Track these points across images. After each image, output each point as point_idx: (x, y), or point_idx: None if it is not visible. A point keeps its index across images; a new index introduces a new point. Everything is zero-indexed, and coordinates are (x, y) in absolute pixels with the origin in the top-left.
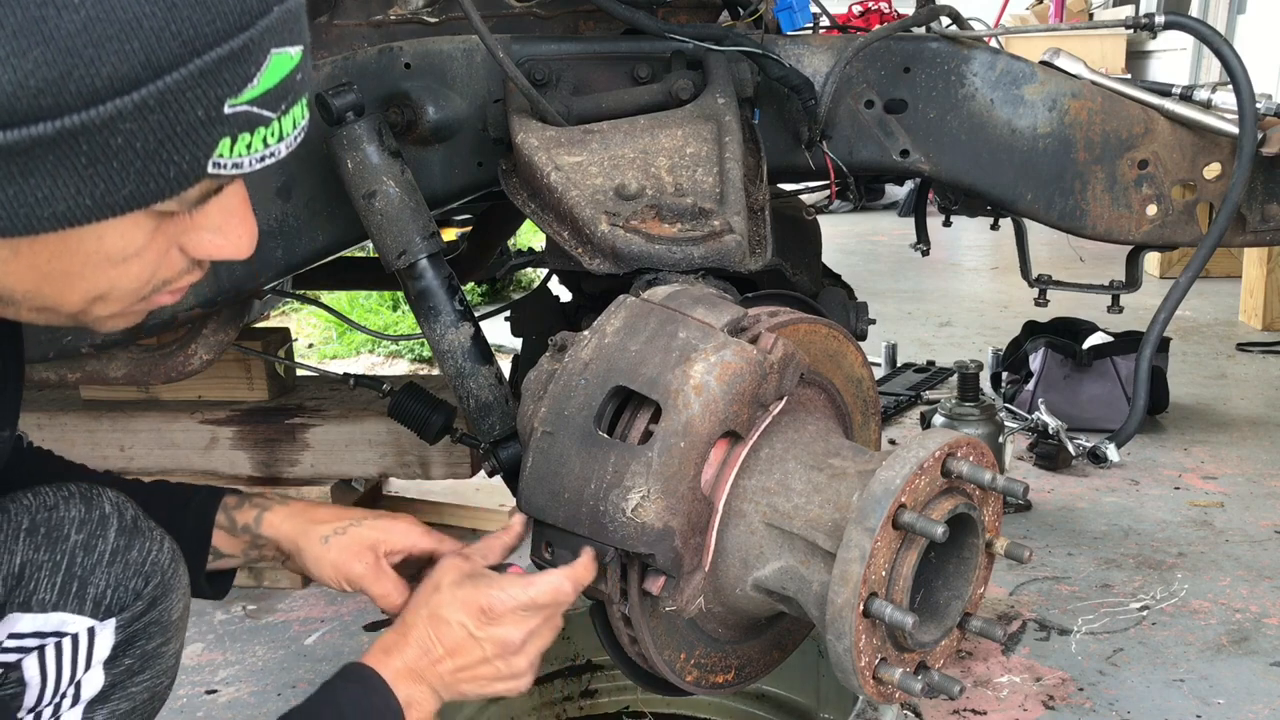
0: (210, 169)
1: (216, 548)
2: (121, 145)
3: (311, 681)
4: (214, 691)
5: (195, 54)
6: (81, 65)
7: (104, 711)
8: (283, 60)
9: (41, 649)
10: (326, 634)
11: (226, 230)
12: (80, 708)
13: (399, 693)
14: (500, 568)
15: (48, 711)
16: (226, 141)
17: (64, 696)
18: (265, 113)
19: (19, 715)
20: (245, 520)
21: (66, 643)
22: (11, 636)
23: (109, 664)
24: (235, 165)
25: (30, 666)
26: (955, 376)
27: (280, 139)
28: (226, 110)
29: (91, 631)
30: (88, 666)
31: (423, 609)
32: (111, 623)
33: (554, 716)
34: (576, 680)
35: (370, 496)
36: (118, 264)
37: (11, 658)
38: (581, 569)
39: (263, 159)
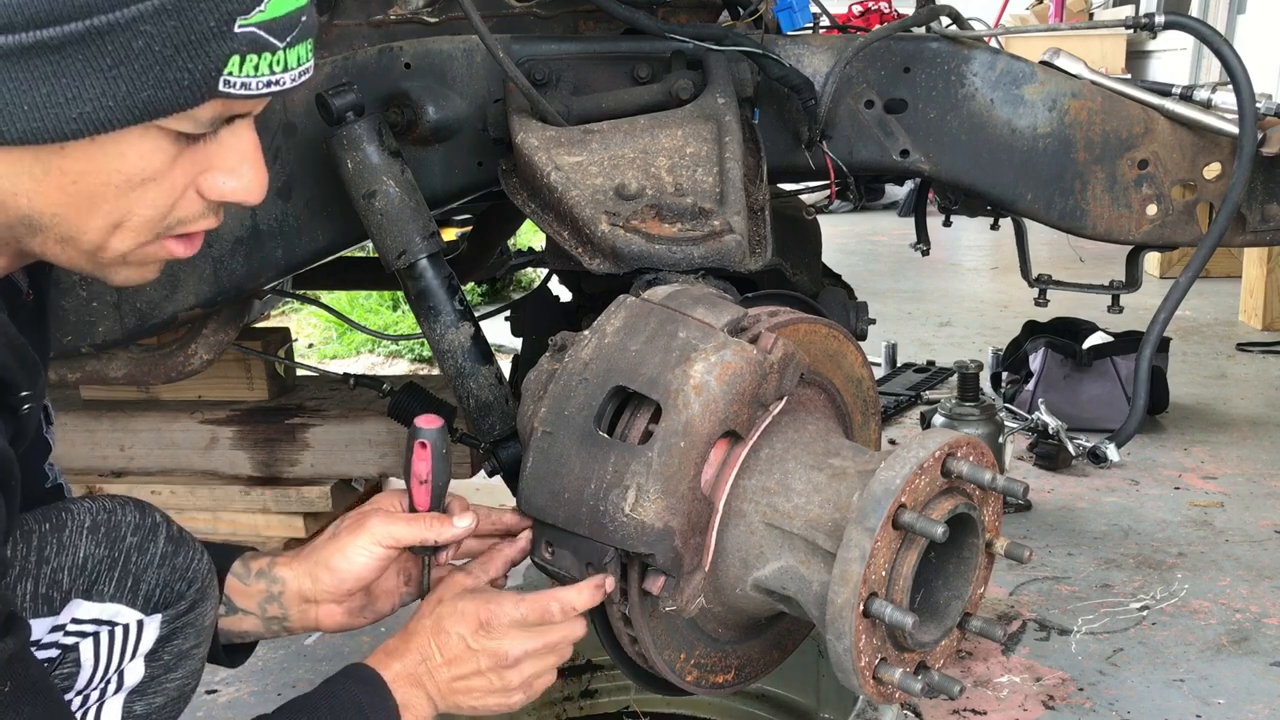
0: (221, 86)
1: (229, 597)
2: (141, 48)
3: (311, 681)
4: (214, 692)
5: None
6: None
7: (141, 703)
8: None
9: (97, 634)
10: (327, 634)
11: (240, 172)
12: (122, 695)
13: (397, 694)
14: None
15: (95, 694)
16: (235, 59)
17: (108, 682)
18: (272, 39)
19: (69, 695)
20: (259, 566)
21: (119, 631)
22: (74, 621)
23: (150, 657)
24: (244, 85)
25: (86, 650)
26: (955, 376)
27: (285, 69)
28: (236, 28)
29: (140, 624)
30: (133, 656)
31: (426, 619)
32: (158, 618)
33: (554, 716)
34: (576, 680)
35: (370, 496)
36: (136, 186)
37: (71, 640)
38: (575, 593)
39: (268, 84)
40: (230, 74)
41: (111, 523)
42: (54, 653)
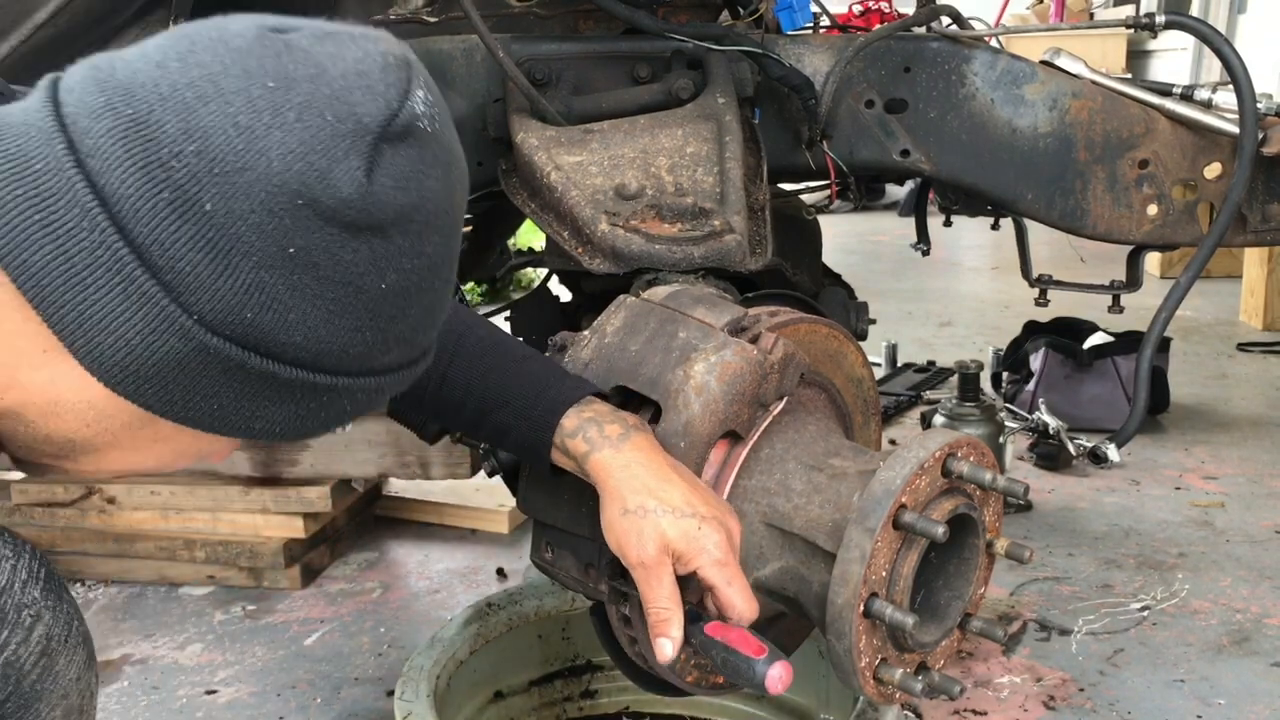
0: None
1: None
2: (342, 405)
3: (311, 682)
4: (214, 692)
5: (416, 360)
6: (384, 351)
7: None
8: None
9: None
10: (326, 634)
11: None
12: None
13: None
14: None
15: None
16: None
17: None
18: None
19: None
20: (575, 450)
21: None
22: None
23: None
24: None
25: None
26: (956, 376)
27: None
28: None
29: None
30: None
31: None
32: None
33: (554, 716)
34: (576, 680)
35: (370, 496)
36: (189, 457)
37: None
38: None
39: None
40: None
41: None
42: None
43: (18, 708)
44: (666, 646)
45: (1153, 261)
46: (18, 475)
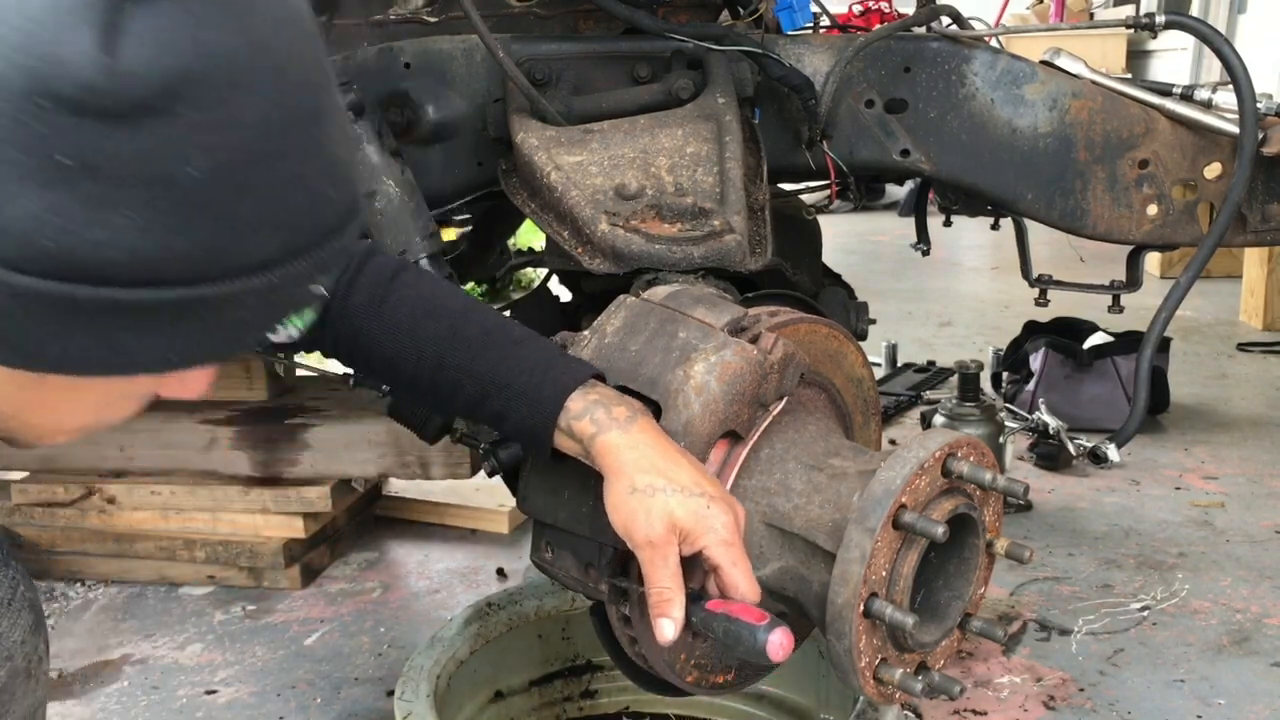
0: (269, 335)
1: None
2: (233, 315)
3: (311, 682)
4: (214, 692)
5: (318, 244)
6: (240, 245)
7: None
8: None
9: None
10: (326, 634)
11: (198, 386)
12: None
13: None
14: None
15: None
16: (294, 315)
17: None
18: (323, 291)
19: None
20: (581, 432)
21: None
22: None
23: None
24: (288, 335)
25: None
26: (956, 376)
27: (316, 314)
28: (311, 288)
29: None
30: None
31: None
32: None
33: (554, 716)
34: (576, 680)
35: (370, 496)
36: (119, 404)
37: None
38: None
39: (302, 331)
40: (281, 325)
41: None
42: None
43: None
44: (668, 627)
45: (1153, 261)
46: (18, 475)
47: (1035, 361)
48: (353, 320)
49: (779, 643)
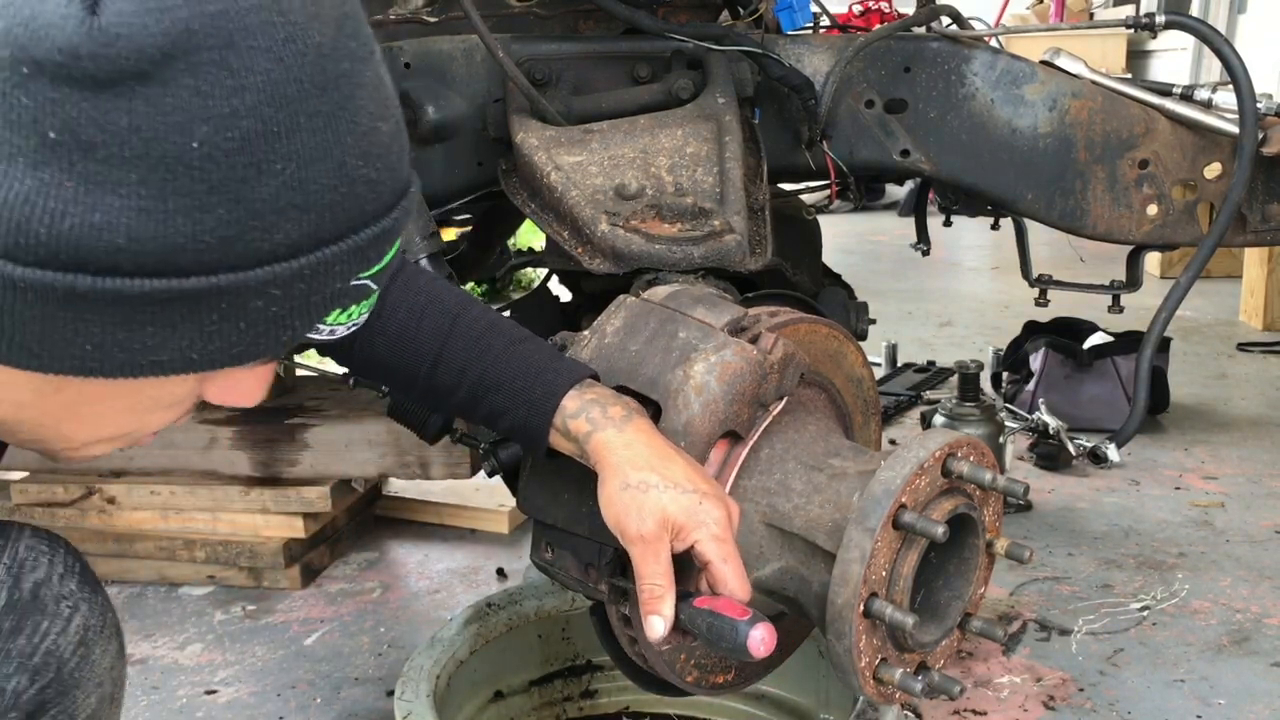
0: (311, 334)
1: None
2: (259, 308)
3: (311, 682)
4: (214, 692)
5: (354, 230)
6: (259, 229)
7: None
8: (398, 242)
9: None
10: (326, 634)
11: (255, 393)
12: None
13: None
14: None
15: None
16: (338, 311)
17: None
18: (374, 285)
19: None
20: (577, 431)
21: None
22: None
23: None
24: (331, 332)
25: None
26: (955, 376)
27: (369, 309)
28: (354, 282)
29: None
30: None
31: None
32: None
33: (554, 716)
34: (576, 680)
35: (370, 496)
36: (155, 411)
37: None
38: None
39: (350, 328)
40: (324, 323)
41: None
42: None
43: (57, 694)
44: (658, 624)
45: (1153, 261)
46: (18, 475)
47: (1035, 361)
48: None
49: (760, 638)
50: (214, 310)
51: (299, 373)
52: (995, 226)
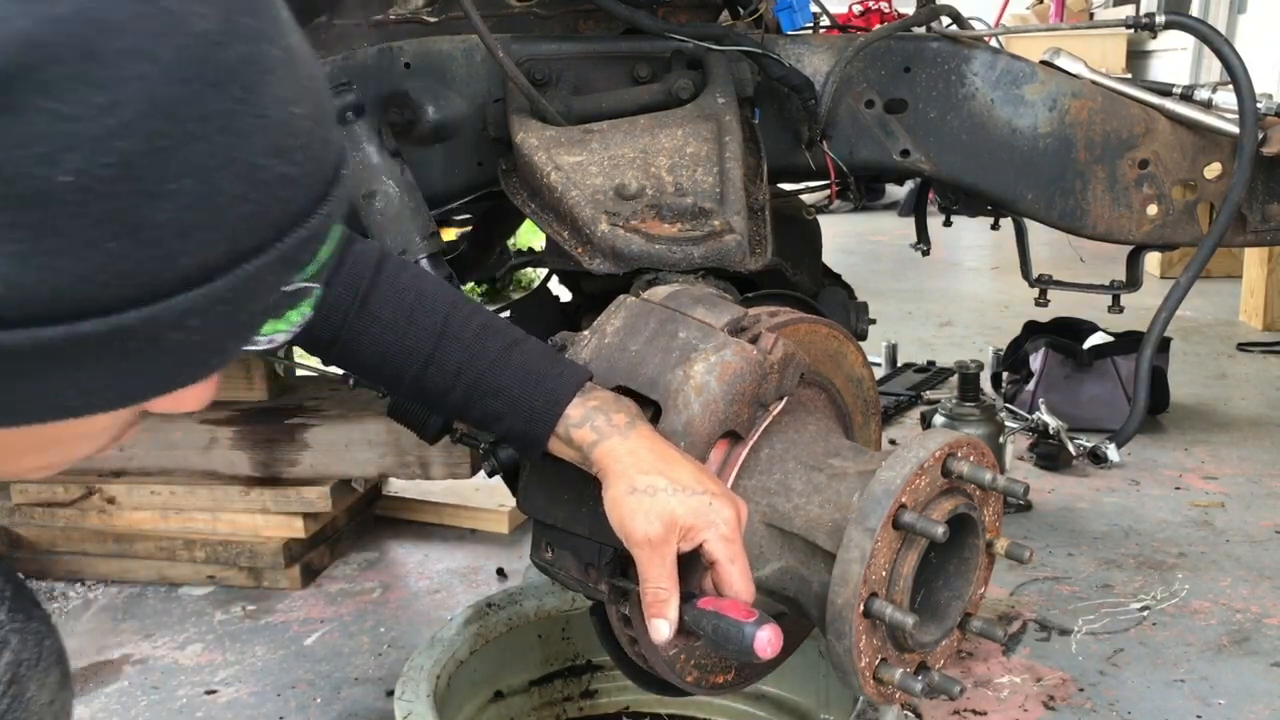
0: (249, 346)
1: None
2: (178, 340)
3: (311, 682)
4: (214, 692)
5: (278, 237)
6: (159, 258)
7: None
8: (336, 228)
9: None
10: (326, 634)
11: (200, 394)
12: None
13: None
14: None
15: None
16: (272, 323)
17: None
18: (315, 285)
19: None
20: (581, 440)
21: None
22: None
23: None
24: (270, 340)
25: None
26: (955, 376)
27: (313, 308)
28: (288, 289)
29: None
30: None
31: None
32: None
33: (554, 716)
34: (576, 680)
35: (370, 496)
36: (87, 440)
37: None
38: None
39: (292, 332)
40: (260, 334)
41: None
42: None
43: None
44: (663, 628)
45: (1153, 261)
46: None
47: (1035, 361)
48: (331, 317)
49: (767, 640)
50: (123, 351)
51: (299, 373)
52: (995, 226)
